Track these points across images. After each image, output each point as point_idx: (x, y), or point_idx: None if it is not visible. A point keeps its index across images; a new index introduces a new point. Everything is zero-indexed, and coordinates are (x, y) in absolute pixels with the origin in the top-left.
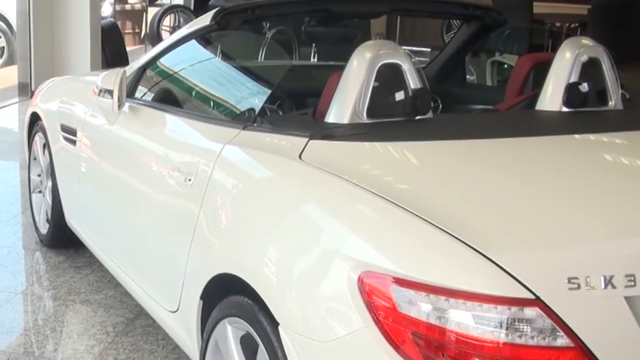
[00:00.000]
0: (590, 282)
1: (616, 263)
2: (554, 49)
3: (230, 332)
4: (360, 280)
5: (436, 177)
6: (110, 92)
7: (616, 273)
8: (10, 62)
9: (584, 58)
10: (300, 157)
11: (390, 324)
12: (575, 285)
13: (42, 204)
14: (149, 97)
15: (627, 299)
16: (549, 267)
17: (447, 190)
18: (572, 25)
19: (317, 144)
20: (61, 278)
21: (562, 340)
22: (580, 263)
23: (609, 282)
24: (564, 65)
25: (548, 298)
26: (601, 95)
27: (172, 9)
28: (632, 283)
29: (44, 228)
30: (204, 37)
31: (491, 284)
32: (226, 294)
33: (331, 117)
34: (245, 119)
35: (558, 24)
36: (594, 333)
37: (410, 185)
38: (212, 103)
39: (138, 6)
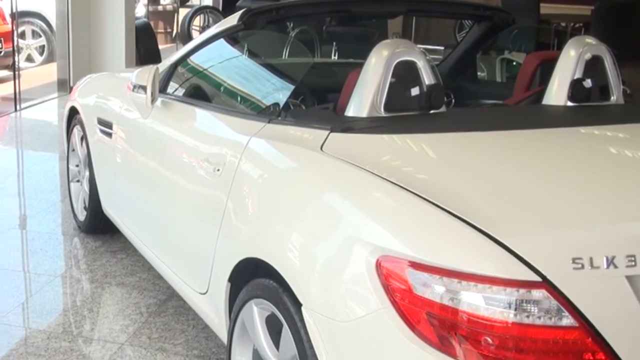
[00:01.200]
0: (593, 262)
1: (617, 244)
2: (560, 47)
3: (256, 312)
4: (378, 264)
5: (449, 167)
6: (144, 88)
7: (618, 254)
8: (50, 59)
9: (588, 56)
10: (321, 148)
11: (406, 305)
12: (580, 265)
13: (80, 193)
14: (180, 92)
15: (628, 278)
16: (554, 249)
17: (460, 178)
18: (577, 25)
19: (337, 137)
20: (98, 262)
21: (567, 320)
22: (584, 244)
23: (611, 262)
24: (569, 63)
25: (554, 279)
26: (604, 91)
27: (201, 9)
28: (633, 263)
29: (81, 215)
30: (231, 36)
31: (500, 267)
32: (252, 277)
33: (351, 111)
34: (270, 113)
35: (563, 24)
36: (597, 311)
37: (425, 175)
38: (239, 98)
39: (170, 7)
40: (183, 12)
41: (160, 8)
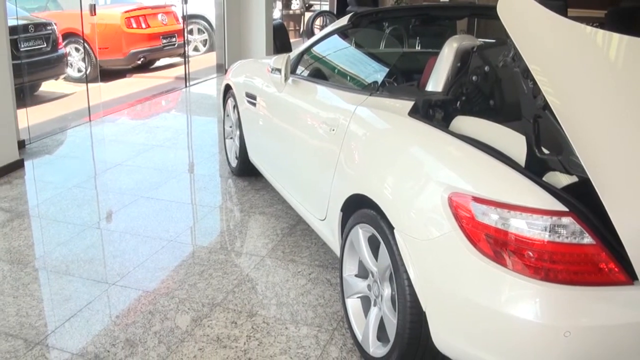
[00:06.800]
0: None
1: None
2: None
3: (360, 234)
4: (449, 199)
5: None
6: (279, 70)
7: None
8: (210, 50)
9: None
10: (408, 114)
11: (470, 228)
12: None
13: (232, 147)
14: (306, 73)
15: None
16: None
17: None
18: (594, 25)
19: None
20: (245, 197)
21: (587, 240)
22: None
23: None
24: None
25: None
26: None
27: (321, 13)
28: None
29: (233, 163)
30: (343, 32)
31: (539, 200)
32: (358, 208)
33: (430, 87)
34: (371, 88)
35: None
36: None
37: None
38: (348, 77)
39: (298, 11)
40: (308, 15)
41: (291, 12)
